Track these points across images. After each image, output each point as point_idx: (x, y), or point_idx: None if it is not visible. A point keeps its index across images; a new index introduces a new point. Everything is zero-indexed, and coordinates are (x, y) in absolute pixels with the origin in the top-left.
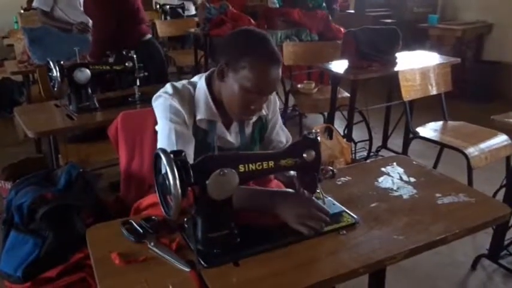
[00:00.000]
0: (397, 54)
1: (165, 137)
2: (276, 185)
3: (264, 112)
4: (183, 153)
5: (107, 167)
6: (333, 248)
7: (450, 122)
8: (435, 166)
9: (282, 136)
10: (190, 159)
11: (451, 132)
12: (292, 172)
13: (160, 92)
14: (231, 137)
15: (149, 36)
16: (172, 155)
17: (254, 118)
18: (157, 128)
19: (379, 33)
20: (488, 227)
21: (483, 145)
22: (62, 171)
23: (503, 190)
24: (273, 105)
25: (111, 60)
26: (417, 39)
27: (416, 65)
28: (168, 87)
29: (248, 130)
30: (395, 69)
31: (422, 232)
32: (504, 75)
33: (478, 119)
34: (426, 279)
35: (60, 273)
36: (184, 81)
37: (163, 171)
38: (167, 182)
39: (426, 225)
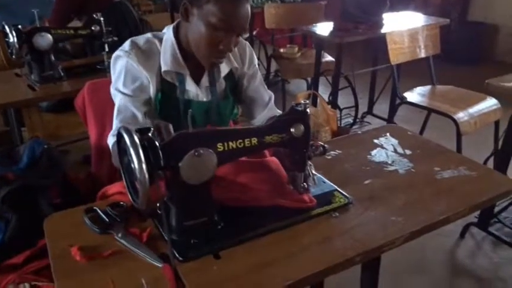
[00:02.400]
0: (384, 16)
1: (116, 112)
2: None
3: (235, 64)
4: (151, 131)
5: (82, 139)
6: (325, 234)
7: (438, 87)
8: (421, 132)
9: (264, 93)
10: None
11: (439, 97)
12: None
13: (118, 50)
14: (201, 92)
15: None
16: (137, 134)
17: (226, 67)
18: None
19: None
20: (493, 203)
21: (472, 110)
22: (24, 147)
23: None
24: (249, 58)
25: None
26: (401, 0)
27: (404, 26)
28: (126, 43)
29: (220, 86)
30: (383, 31)
31: (422, 212)
32: (490, 36)
33: (465, 82)
34: (414, 249)
35: (27, 259)
36: (149, 34)
37: (127, 153)
38: (132, 166)
39: (426, 204)
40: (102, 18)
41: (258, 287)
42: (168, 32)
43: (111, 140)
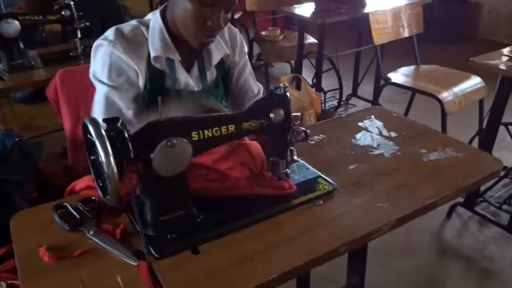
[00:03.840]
0: None
1: (98, 104)
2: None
3: (227, 51)
4: (119, 121)
5: (59, 130)
6: (309, 224)
7: (422, 66)
8: (406, 113)
9: (254, 85)
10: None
11: (423, 77)
12: None
13: (100, 39)
14: (192, 80)
15: None
16: (104, 125)
17: (218, 54)
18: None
19: None
20: (481, 185)
21: (456, 89)
22: None
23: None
24: (239, 47)
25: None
26: None
27: (387, 5)
28: (109, 32)
29: (212, 75)
30: (366, 10)
31: (409, 197)
32: (472, 14)
33: (449, 61)
34: (401, 231)
35: (3, 257)
36: (134, 21)
37: (94, 145)
38: (100, 160)
39: (413, 189)
40: (72, 2)
41: (240, 283)
42: (154, 17)
43: None
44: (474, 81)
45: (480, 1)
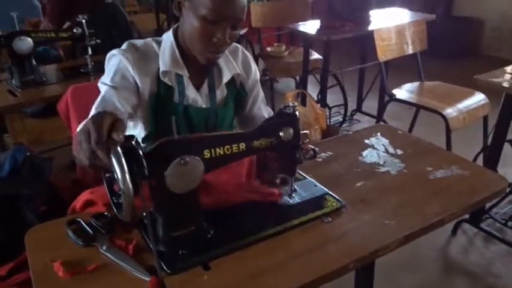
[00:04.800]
0: (371, 12)
1: (98, 101)
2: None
3: (238, 70)
4: (134, 139)
5: (68, 145)
6: (318, 241)
7: (426, 83)
8: (411, 128)
9: (265, 111)
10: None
11: (427, 93)
12: None
13: (114, 50)
14: (201, 97)
15: None
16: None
17: (229, 73)
18: None
19: None
20: (487, 203)
21: (461, 105)
22: (6, 156)
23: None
24: (253, 75)
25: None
26: None
27: (391, 23)
28: (124, 44)
29: (222, 93)
30: (370, 28)
31: (415, 214)
32: (475, 31)
33: (453, 77)
34: (407, 246)
35: (11, 271)
36: (148, 39)
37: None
38: (115, 177)
39: (419, 206)
40: (84, 20)
41: None
42: (167, 35)
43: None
44: (478, 98)
45: (483, 18)
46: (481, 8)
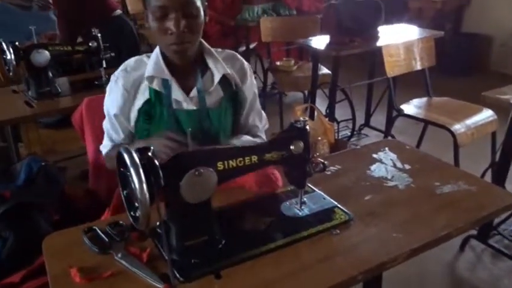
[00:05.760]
0: (379, 29)
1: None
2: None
3: (228, 70)
4: (151, 150)
5: (80, 155)
6: (327, 252)
7: (434, 98)
8: (419, 144)
9: (258, 121)
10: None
11: (436, 109)
12: None
13: (113, 75)
14: (190, 100)
15: (119, 12)
16: (137, 154)
17: (218, 73)
18: None
19: (361, 7)
20: (493, 218)
21: (469, 121)
22: (21, 165)
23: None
24: (249, 81)
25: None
26: (396, 12)
27: (400, 39)
28: (119, 68)
29: (217, 94)
30: (379, 44)
31: (423, 228)
32: (484, 47)
33: (461, 93)
34: (414, 261)
35: (25, 278)
36: (142, 55)
37: (127, 173)
38: (132, 186)
39: (427, 220)
40: (99, 34)
41: None
42: (156, 48)
43: (103, 151)
44: (486, 114)
45: (492, 34)
46: (490, 25)
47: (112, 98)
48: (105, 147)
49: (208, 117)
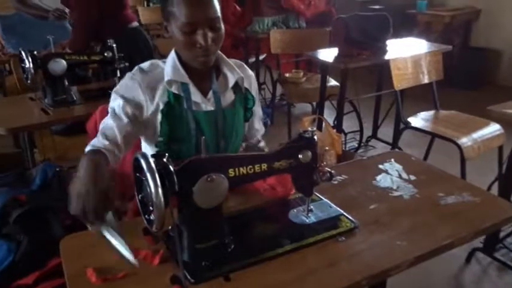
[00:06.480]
0: (387, 42)
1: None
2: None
3: (241, 74)
4: (166, 157)
5: None
6: (332, 258)
7: (442, 112)
8: (426, 156)
9: (258, 124)
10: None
11: (443, 122)
12: None
13: (127, 74)
14: (208, 102)
15: (135, 24)
16: (153, 160)
17: (232, 77)
18: None
19: (370, 20)
20: (496, 229)
21: (476, 135)
22: (37, 170)
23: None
24: (255, 92)
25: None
26: (405, 26)
27: (408, 53)
28: (134, 69)
29: (230, 97)
30: (386, 57)
31: (426, 237)
32: (492, 62)
33: (467, 107)
34: (420, 274)
35: (37, 280)
36: (155, 59)
37: (143, 177)
38: (148, 190)
39: (430, 229)
40: (115, 45)
41: None
42: (171, 53)
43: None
44: (493, 128)
45: (500, 49)
46: (499, 39)
47: (126, 87)
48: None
49: (224, 117)
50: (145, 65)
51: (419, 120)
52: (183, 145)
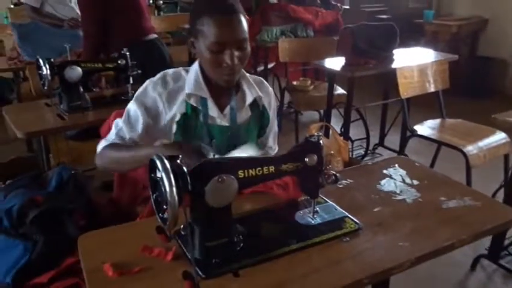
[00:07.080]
0: (394, 51)
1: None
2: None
3: (259, 93)
4: (179, 158)
5: None
6: (337, 257)
7: (448, 120)
8: (432, 164)
9: (272, 142)
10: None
11: (449, 130)
12: None
13: (149, 80)
14: (224, 117)
15: (153, 36)
16: (167, 160)
17: (251, 95)
18: None
19: (377, 30)
20: (496, 233)
21: (481, 143)
22: (52, 173)
23: (502, 189)
24: (273, 111)
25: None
26: (412, 35)
27: (414, 62)
28: (158, 75)
29: (246, 114)
30: (393, 66)
31: (428, 238)
32: (498, 71)
33: (474, 116)
34: (425, 279)
35: (52, 279)
36: (180, 68)
37: (158, 177)
38: (163, 190)
39: (432, 231)
40: (128, 53)
41: None
42: (194, 64)
43: (102, 144)
44: (499, 137)
45: (507, 58)
46: (506, 49)
47: (147, 96)
48: (107, 141)
49: (238, 134)
50: (169, 73)
51: (425, 128)
52: None
